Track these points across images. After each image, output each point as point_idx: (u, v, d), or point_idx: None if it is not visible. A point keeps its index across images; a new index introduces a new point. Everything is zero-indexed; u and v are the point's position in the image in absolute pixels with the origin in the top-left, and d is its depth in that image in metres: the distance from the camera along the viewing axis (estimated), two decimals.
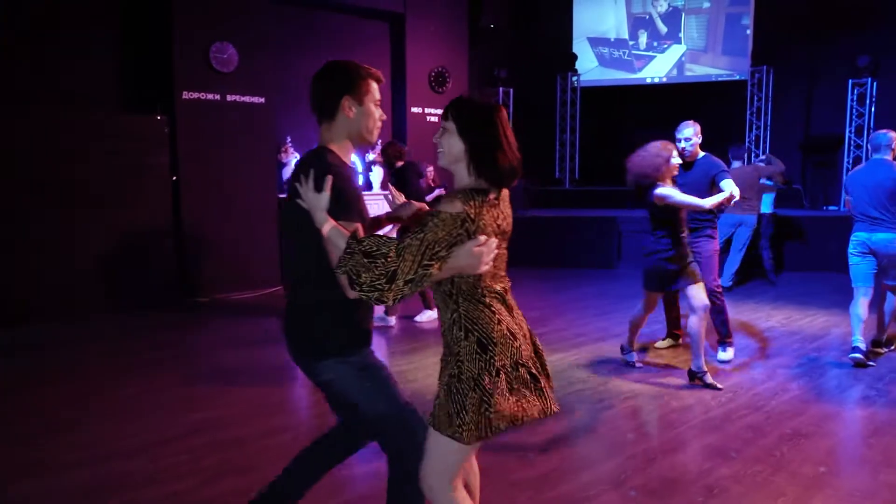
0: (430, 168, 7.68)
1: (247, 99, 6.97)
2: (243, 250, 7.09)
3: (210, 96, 6.72)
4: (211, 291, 6.80)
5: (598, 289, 7.50)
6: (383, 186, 7.68)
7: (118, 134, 6.17)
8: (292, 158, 7.44)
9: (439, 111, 8.70)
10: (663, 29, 11.29)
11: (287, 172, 7.44)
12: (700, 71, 11.11)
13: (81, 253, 6.03)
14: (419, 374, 4.43)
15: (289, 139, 7.43)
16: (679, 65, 11.26)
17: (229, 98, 6.84)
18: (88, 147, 6.01)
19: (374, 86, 1.97)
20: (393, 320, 5.77)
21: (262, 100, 7.09)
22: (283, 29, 7.34)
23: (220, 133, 6.80)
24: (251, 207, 7.08)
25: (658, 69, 11.40)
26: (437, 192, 7.75)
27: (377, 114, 1.98)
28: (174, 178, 6.60)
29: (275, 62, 7.20)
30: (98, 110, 6.31)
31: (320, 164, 1.83)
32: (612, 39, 11.51)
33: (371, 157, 8.18)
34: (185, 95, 6.55)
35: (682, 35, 11.16)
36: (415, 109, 8.53)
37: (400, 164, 6.02)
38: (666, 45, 11.28)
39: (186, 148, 6.60)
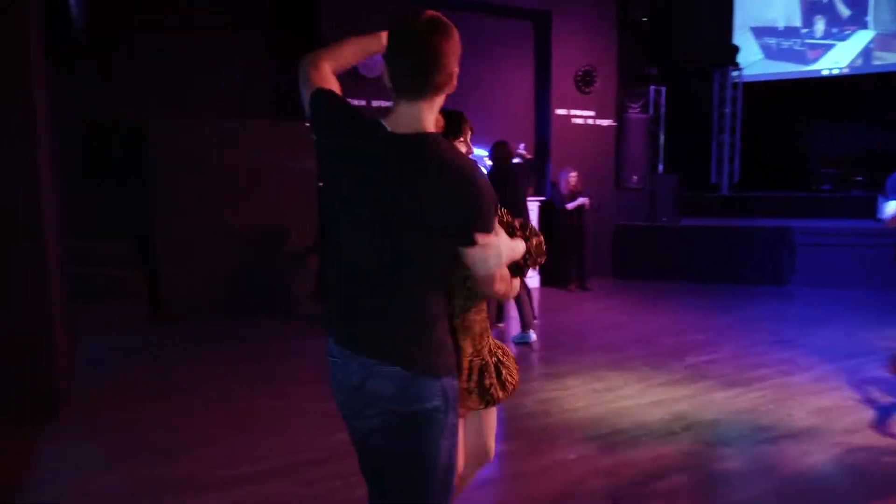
0: (573, 174, 7.15)
1: (390, 104, 6.88)
2: None
3: (356, 102, 6.70)
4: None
5: (772, 310, 6.56)
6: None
7: (266, 140, 6.32)
8: None
9: (586, 113, 8.16)
10: (845, 13, 9.88)
11: None
12: (893, 59, 9.57)
13: (226, 255, 6.24)
14: (578, 402, 3.96)
15: None
16: (865, 53, 9.78)
17: (374, 103, 6.80)
18: (238, 153, 6.21)
19: None
20: (534, 336, 5.34)
21: None
22: None
23: None
24: None
25: (837, 59, 10.00)
26: (580, 200, 7.22)
27: None
28: (320, 183, 6.65)
29: None
30: (247, 117, 6.51)
31: (454, 157, 1.44)
32: (781, 28, 10.27)
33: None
34: None
35: (869, 19, 9.68)
36: (559, 111, 8.05)
37: (508, 164, 5.56)
38: (849, 32, 9.86)
39: None
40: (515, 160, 6.06)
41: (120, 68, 6.08)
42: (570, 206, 7.11)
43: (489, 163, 5.61)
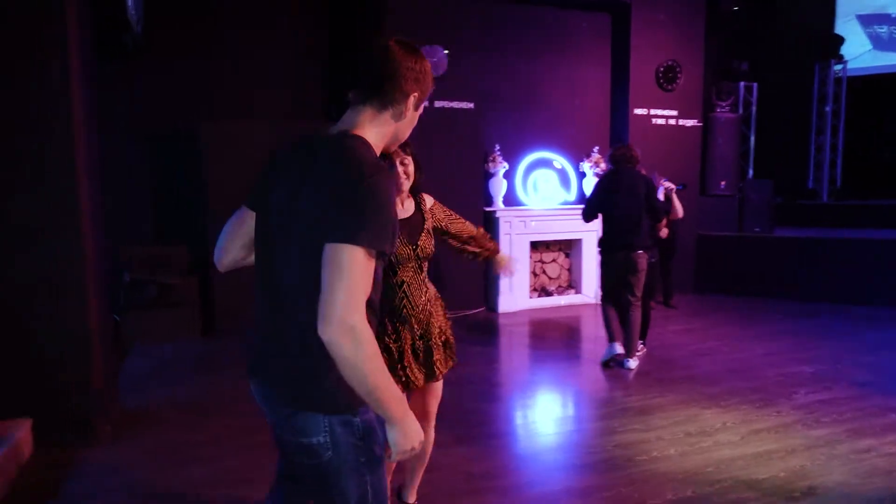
0: (665, 181, 6.41)
1: (455, 104, 6.46)
2: (449, 266, 6.59)
3: None
4: None
5: (891, 338, 5.67)
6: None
7: None
8: (500, 168, 6.78)
9: (668, 112, 7.46)
10: None
11: (495, 183, 6.81)
12: None
13: None
14: (669, 447, 3.37)
15: (497, 147, 6.79)
16: None
17: (437, 104, 6.38)
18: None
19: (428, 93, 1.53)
20: (634, 363, 4.75)
21: (471, 105, 6.54)
22: (492, 28, 6.71)
23: (427, 142, 6.36)
24: None
25: None
26: (664, 185, 6.41)
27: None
28: None
29: (484, 64, 6.61)
30: (305, 122, 6.22)
31: (348, 154, 1.35)
32: (895, 15, 9.17)
33: (587, 165, 7.22)
34: None
35: None
36: (638, 111, 7.38)
37: (623, 167, 4.95)
38: None
39: None
40: (660, 188, 5.61)
41: (177, 73, 5.93)
42: (659, 195, 6.32)
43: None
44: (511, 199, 7.05)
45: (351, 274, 1.23)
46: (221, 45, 6.02)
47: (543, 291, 7.27)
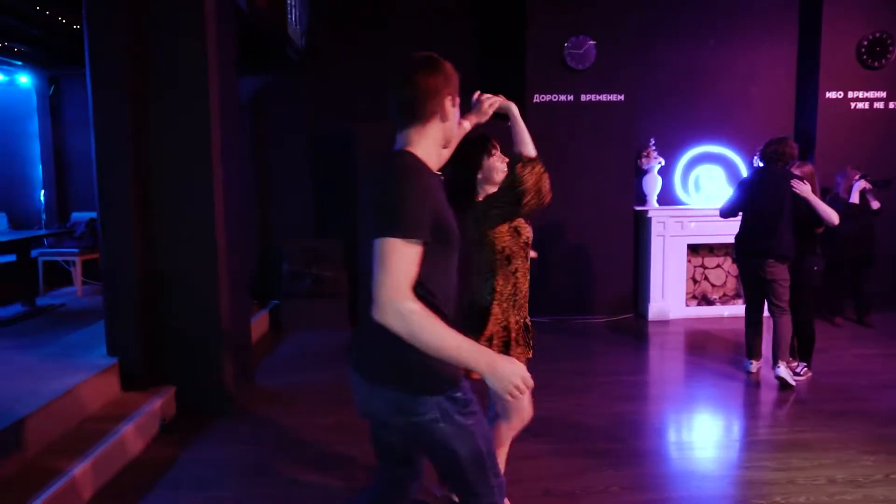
0: (859, 178, 5.40)
1: (604, 97, 6.10)
2: (595, 268, 6.28)
3: (563, 97, 6.08)
4: (551, 311, 6.19)
5: None
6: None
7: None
8: (655, 164, 6.25)
9: (873, 94, 6.29)
10: None
11: (648, 180, 6.30)
12: None
13: None
14: (800, 494, 2.84)
15: (652, 141, 6.27)
16: None
17: (584, 98, 6.09)
18: None
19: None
20: (784, 372, 4.20)
21: (622, 97, 6.12)
22: (645, 12, 6.19)
23: (571, 138, 6.12)
24: (605, 220, 6.21)
25: None
26: (858, 184, 5.36)
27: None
28: None
29: (636, 54, 6.14)
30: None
31: (391, 166, 1.58)
32: None
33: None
34: (537, 98, 6.07)
35: None
36: (831, 94, 6.30)
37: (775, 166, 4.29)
38: None
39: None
40: (854, 189, 5.24)
41: (338, 78, 6.38)
42: (853, 197, 5.39)
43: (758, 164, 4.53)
44: (668, 198, 6.48)
45: (390, 263, 1.41)
46: (379, 49, 6.36)
47: (704, 300, 6.57)
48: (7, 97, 6.80)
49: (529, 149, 2.37)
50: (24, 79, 6.65)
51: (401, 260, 1.41)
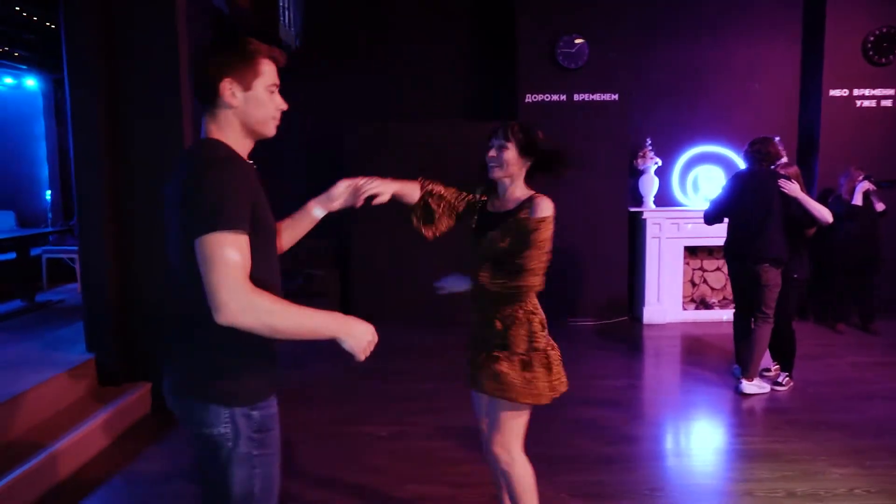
0: (863, 179, 5.22)
1: (597, 97, 6.01)
2: (588, 270, 6.18)
3: (555, 97, 6.01)
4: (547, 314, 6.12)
5: None
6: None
7: (460, 143, 6.02)
8: (651, 165, 6.14)
9: (880, 91, 6.08)
10: None
11: (645, 181, 6.19)
12: None
13: (415, 261, 6.11)
14: None
15: (649, 142, 6.16)
16: None
17: (577, 97, 6.01)
18: (433, 157, 6.04)
19: (268, 66, 1.53)
20: (749, 388, 4.09)
21: (616, 97, 6.02)
22: (640, 9, 6.08)
23: (564, 138, 5.97)
24: (599, 221, 6.11)
25: None
26: (861, 185, 5.15)
27: (274, 102, 1.56)
28: None
29: (631, 52, 6.03)
30: (442, 120, 6.28)
31: (192, 159, 1.46)
32: None
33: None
34: (529, 98, 6.01)
35: None
36: (835, 92, 6.09)
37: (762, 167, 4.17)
38: None
39: None
40: (857, 189, 5.12)
41: (332, 79, 6.42)
42: (855, 198, 5.23)
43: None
44: (665, 199, 6.35)
45: (219, 260, 1.31)
46: (374, 51, 6.38)
47: (703, 304, 6.43)
48: (14, 100, 7.02)
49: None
50: (31, 82, 6.85)
51: (232, 253, 1.32)
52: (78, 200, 3.84)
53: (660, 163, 6.17)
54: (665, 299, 6.20)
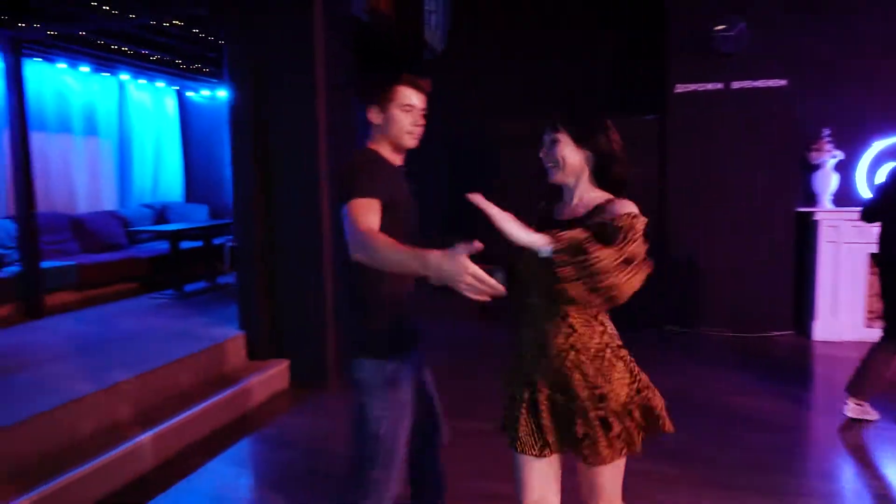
0: None
1: (759, 84, 5.38)
2: (746, 277, 5.58)
3: (709, 86, 5.50)
4: (692, 322, 5.66)
5: None
6: None
7: None
8: (829, 158, 5.35)
9: None
10: None
11: (821, 177, 5.42)
12: None
13: None
14: None
15: (826, 132, 5.37)
16: None
17: (734, 86, 5.43)
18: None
19: (404, 90, 1.94)
20: (850, 411, 3.54)
21: (784, 83, 5.33)
22: None
23: (719, 130, 5.51)
24: (760, 221, 5.49)
25: None
26: None
27: (408, 119, 1.95)
28: (660, 187, 5.75)
29: (802, 29, 5.29)
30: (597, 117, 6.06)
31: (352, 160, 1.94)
32: None
33: None
34: (679, 89, 5.56)
35: None
36: None
37: None
38: None
39: (677, 151, 5.64)
40: None
41: (478, 77, 6.51)
42: None
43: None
44: (847, 198, 5.49)
45: (350, 215, 1.73)
46: (521, 48, 6.36)
47: None
48: (210, 109, 8.15)
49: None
50: (222, 93, 7.90)
51: (360, 210, 1.73)
52: (234, 196, 4.36)
53: (840, 156, 5.36)
54: (842, 314, 5.37)
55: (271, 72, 4.13)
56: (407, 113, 1.93)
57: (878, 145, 5.44)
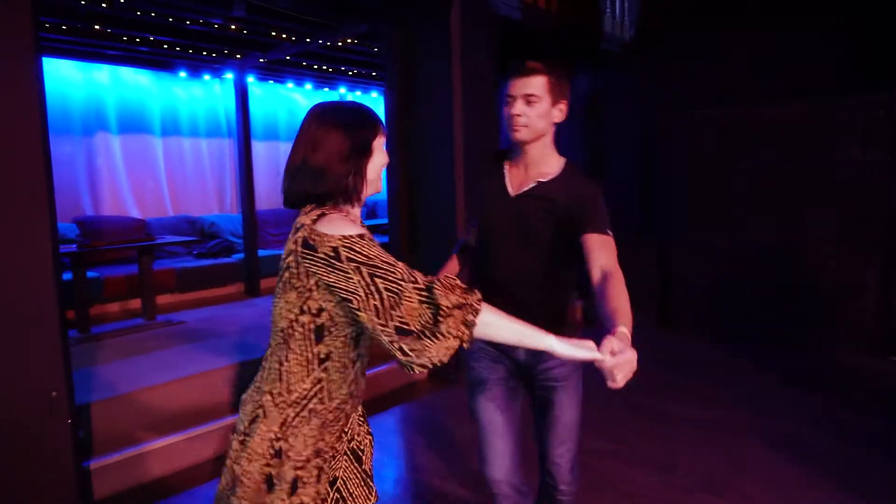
0: None
1: None
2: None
3: None
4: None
5: None
6: None
7: (823, 130, 4.86)
8: None
9: None
10: None
11: None
12: None
13: (743, 271, 5.21)
14: None
15: None
16: None
17: None
18: (782, 149, 5.04)
19: (508, 82, 1.74)
20: None
21: None
22: None
23: None
24: None
25: None
26: None
27: (508, 112, 1.76)
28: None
29: None
30: (797, 101, 5.07)
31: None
32: None
33: None
34: None
35: None
36: None
37: None
38: None
39: None
40: None
41: (665, 65, 5.90)
42: None
43: None
44: None
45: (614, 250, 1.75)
46: (716, 33, 5.61)
47: None
48: None
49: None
50: (374, 94, 8.40)
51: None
52: (388, 202, 4.65)
53: None
54: None
55: (418, 77, 4.33)
56: (507, 105, 1.74)
57: None
